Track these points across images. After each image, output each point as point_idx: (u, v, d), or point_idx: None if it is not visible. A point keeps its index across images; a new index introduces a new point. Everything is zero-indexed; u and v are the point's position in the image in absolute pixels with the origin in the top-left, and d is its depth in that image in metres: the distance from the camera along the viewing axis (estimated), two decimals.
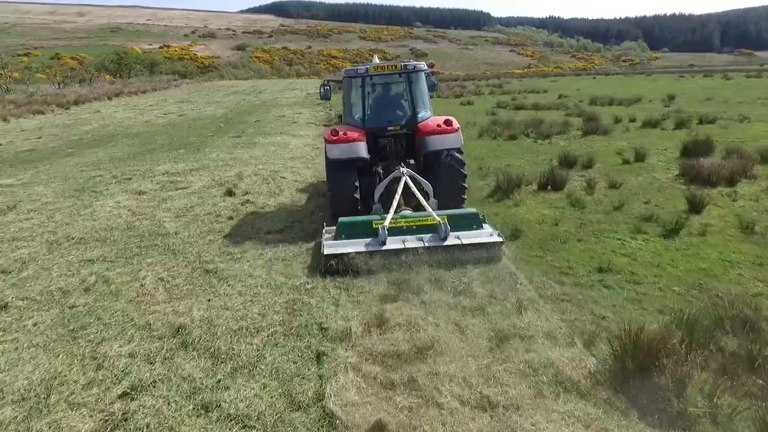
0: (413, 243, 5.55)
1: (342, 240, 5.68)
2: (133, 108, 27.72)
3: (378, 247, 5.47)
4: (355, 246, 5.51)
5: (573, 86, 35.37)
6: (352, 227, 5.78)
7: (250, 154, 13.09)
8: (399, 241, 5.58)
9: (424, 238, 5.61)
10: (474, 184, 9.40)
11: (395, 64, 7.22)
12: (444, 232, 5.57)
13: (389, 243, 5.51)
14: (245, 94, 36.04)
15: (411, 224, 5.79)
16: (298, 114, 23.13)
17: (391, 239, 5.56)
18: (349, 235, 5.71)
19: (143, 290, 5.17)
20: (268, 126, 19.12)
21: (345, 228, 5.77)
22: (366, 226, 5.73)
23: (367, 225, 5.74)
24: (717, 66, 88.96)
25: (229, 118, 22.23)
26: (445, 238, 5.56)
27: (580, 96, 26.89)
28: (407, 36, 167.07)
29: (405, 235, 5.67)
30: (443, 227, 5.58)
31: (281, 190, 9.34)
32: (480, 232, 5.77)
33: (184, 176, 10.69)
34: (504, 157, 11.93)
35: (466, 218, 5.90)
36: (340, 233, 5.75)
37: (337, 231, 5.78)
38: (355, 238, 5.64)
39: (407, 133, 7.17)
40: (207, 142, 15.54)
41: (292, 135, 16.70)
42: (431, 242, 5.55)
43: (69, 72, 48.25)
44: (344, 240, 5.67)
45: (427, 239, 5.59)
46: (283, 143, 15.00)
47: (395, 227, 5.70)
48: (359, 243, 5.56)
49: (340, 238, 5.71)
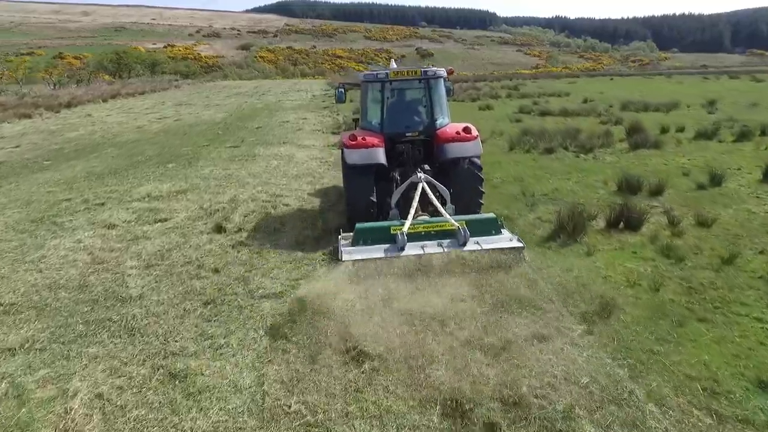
0: (433, 249, 5.48)
1: (360, 246, 5.54)
2: (127, 111, 26.01)
3: (397, 252, 5.39)
4: (374, 252, 5.41)
5: (593, 88, 33.41)
6: (370, 233, 5.63)
7: (248, 171, 11.30)
8: (418, 246, 5.49)
9: (443, 243, 5.55)
10: (523, 218, 7.56)
11: (415, 70, 7.07)
12: (463, 237, 5.47)
13: (408, 249, 5.43)
14: (247, 96, 34.29)
15: (429, 230, 5.70)
16: (303, 119, 21.33)
17: (410, 245, 5.47)
18: (367, 240, 5.57)
19: (66, 422, 3.35)
20: (270, 134, 17.32)
21: (362, 234, 5.62)
22: (384, 231, 5.64)
23: (384, 231, 5.64)
24: (731, 66, 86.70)
25: (229, 124, 20.45)
26: (465, 243, 5.48)
27: (606, 99, 24.96)
28: (412, 36, 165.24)
29: (424, 241, 5.58)
30: (462, 232, 5.49)
31: (283, 225, 7.53)
32: (499, 238, 5.71)
33: (167, 201, 8.89)
34: (547, 178, 10.08)
35: (484, 223, 5.83)
36: (357, 239, 5.60)
37: (355, 237, 5.63)
38: (373, 244, 5.53)
39: (425, 139, 7.09)
40: (201, 154, 13.76)
41: (296, 145, 14.89)
42: (450, 247, 5.49)
43: (67, 72, 46.61)
44: (362, 246, 5.53)
45: (446, 245, 5.52)
46: (287, 155, 13.20)
47: (414, 233, 5.61)
48: (378, 249, 5.46)
49: (357, 244, 5.58)
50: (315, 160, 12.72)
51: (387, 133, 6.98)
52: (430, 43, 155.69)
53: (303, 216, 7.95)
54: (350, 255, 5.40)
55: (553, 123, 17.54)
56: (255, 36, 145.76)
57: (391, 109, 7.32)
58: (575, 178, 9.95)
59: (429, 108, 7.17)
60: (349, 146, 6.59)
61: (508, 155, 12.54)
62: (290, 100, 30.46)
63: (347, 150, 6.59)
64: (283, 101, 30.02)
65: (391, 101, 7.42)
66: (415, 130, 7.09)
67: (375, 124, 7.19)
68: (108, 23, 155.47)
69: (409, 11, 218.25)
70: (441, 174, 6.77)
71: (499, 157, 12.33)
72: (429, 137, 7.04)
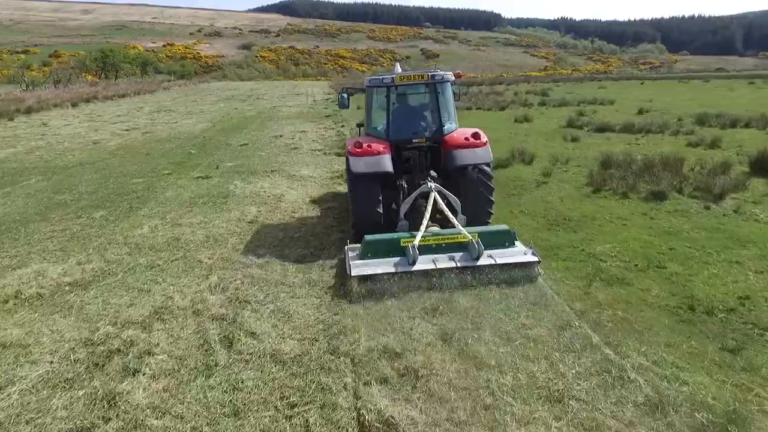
0: (445, 263, 5.30)
1: (368, 259, 5.34)
2: (94, 119, 22.03)
3: (408, 267, 5.22)
4: (384, 266, 5.23)
5: (634, 95, 29.32)
6: (379, 246, 5.45)
7: (207, 231, 7.28)
8: (430, 260, 5.32)
9: (455, 257, 5.38)
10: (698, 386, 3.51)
11: (422, 74, 6.80)
12: (477, 250, 5.31)
13: (420, 263, 5.25)
14: (240, 101, 30.31)
15: (441, 242, 5.51)
16: (301, 133, 17.33)
17: (422, 258, 5.29)
18: (376, 253, 5.39)
19: None
20: (257, 155, 13.33)
21: (371, 246, 5.44)
22: (393, 244, 5.47)
23: (394, 243, 5.47)
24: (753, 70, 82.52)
25: (208, 139, 16.46)
26: (478, 257, 5.31)
27: (665, 109, 20.91)
28: (417, 36, 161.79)
29: (435, 254, 5.41)
30: (476, 246, 5.32)
31: (244, 413, 3.48)
32: (513, 251, 5.53)
33: (32, 320, 4.84)
34: (701, 261, 5.98)
35: (497, 235, 5.64)
36: (365, 252, 5.43)
37: (363, 249, 5.45)
38: (383, 257, 5.35)
39: (432, 145, 6.84)
40: (154, 191, 9.79)
41: (288, 176, 10.90)
42: (463, 262, 5.31)
43: (55, 71, 42.68)
44: (371, 259, 5.34)
45: (459, 258, 5.36)
46: (273, 197, 9.21)
47: (424, 245, 5.43)
48: (387, 263, 5.29)
49: (366, 257, 5.39)
50: (314, 205, 8.73)
51: (393, 139, 6.76)
52: (434, 43, 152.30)
53: (289, 381, 3.87)
54: (359, 270, 5.18)
55: (625, 144, 13.53)
56: (257, 35, 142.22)
57: (397, 114, 7.10)
58: (754, 264, 5.84)
59: (436, 113, 6.90)
60: (354, 154, 6.32)
61: (596, 201, 8.52)
62: (287, 107, 26.45)
63: (352, 158, 6.33)
64: (279, 108, 26.01)
65: (397, 107, 7.21)
66: (422, 136, 6.87)
67: (380, 131, 7.00)
68: (109, 21, 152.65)
69: (413, 11, 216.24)
70: (449, 182, 6.54)
71: (585, 205, 8.33)
72: (436, 143, 6.83)
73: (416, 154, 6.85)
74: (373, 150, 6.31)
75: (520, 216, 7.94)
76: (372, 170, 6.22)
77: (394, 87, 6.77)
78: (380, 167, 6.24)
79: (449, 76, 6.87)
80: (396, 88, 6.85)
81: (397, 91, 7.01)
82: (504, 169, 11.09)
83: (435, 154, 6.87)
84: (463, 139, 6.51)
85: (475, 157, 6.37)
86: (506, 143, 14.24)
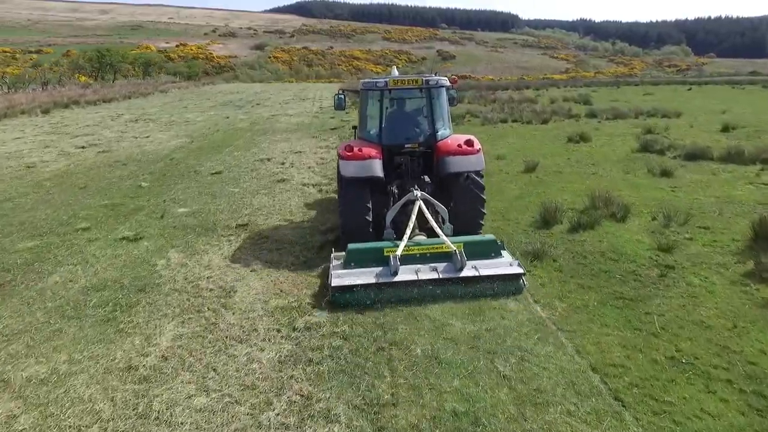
0: (427, 274, 5.25)
1: (351, 269, 5.30)
2: (56, 131, 18.56)
3: (389, 278, 5.17)
4: (365, 276, 5.19)
5: (697, 105, 24.97)
6: (362, 254, 5.41)
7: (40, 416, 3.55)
8: (412, 271, 5.26)
9: (438, 268, 5.32)
10: None
11: (416, 79, 6.66)
12: (460, 262, 5.26)
13: (401, 273, 5.21)
14: (236, 107, 26.69)
15: (425, 252, 5.47)
16: (296, 154, 13.60)
17: (404, 269, 5.25)
18: (359, 262, 5.35)
19: None
20: (226, 194, 9.61)
21: (354, 255, 5.39)
22: (377, 253, 5.40)
23: (378, 252, 5.40)
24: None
25: (175, 163, 12.81)
26: (461, 268, 5.25)
27: (743, 122, 16.72)
28: (432, 37, 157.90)
29: (418, 264, 5.35)
30: (459, 257, 5.27)
31: None
32: (498, 261, 5.46)
33: None
34: None
35: (483, 245, 5.58)
36: (349, 261, 5.38)
37: (346, 258, 5.40)
38: (366, 267, 5.32)
39: (425, 151, 6.78)
40: (36, 268, 6.13)
41: (259, 238, 7.13)
42: (446, 273, 5.25)
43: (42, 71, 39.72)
44: (353, 269, 5.30)
45: (442, 269, 5.30)
46: (220, 295, 5.45)
47: (408, 255, 5.38)
48: (369, 273, 5.24)
49: (349, 266, 5.34)
50: (287, 316, 4.93)
51: (385, 144, 6.63)
52: (450, 44, 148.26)
53: None
54: (341, 280, 5.14)
55: (746, 183, 9.52)
56: (271, 36, 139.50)
57: (390, 119, 7.06)
58: None
59: (430, 118, 6.80)
60: (345, 158, 6.21)
61: None
62: (288, 116, 22.72)
63: (343, 162, 6.23)
64: (278, 117, 22.29)
65: (390, 111, 7.18)
66: (414, 141, 6.76)
67: (373, 135, 6.83)
68: (125, 22, 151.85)
69: (429, 12, 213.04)
70: (441, 188, 6.55)
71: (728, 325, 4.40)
72: (429, 149, 6.72)
73: (408, 159, 6.79)
74: (363, 154, 6.21)
75: (693, 379, 4.01)
76: (362, 174, 6.13)
77: (388, 91, 6.67)
78: (370, 172, 6.15)
79: (444, 81, 6.75)
80: (389, 93, 6.76)
81: (391, 96, 6.92)
82: (589, 231, 7.18)
83: (428, 159, 6.80)
84: (456, 146, 6.39)
85: (467, 165, 6.26)
86: (572, 178, 10.29)
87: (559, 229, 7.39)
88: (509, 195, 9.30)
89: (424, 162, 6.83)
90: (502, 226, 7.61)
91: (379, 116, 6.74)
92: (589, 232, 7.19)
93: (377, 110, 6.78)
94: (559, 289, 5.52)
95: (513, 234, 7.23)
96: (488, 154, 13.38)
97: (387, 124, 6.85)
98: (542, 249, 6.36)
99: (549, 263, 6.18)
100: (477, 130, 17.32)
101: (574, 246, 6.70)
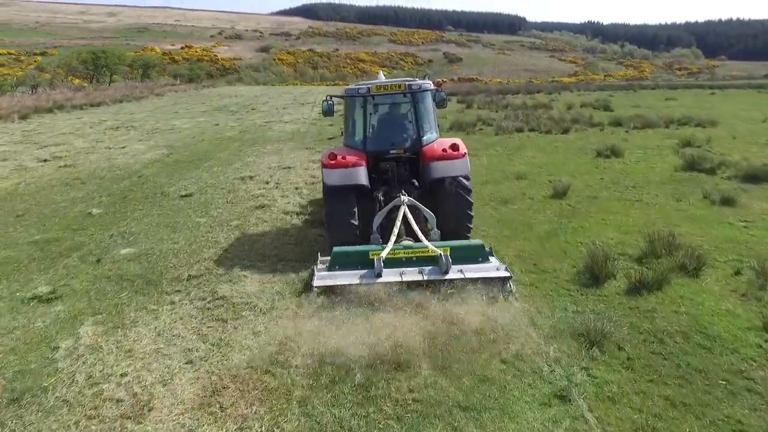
0: (412, 276, 5.17)
1: (335, 271, 5.27)
2: (25, 139, 16.88)
3: (373, 279, 5.07)
4: (349, 278, 5.12)
5: (728, 111, 22.84)
6: (347, 257, 5.39)
7: None
8: (396, 273, 5.19)
9: (423, 270, 5.24)
10: None
11: (399, 84, 6.60)
12: (445, 265, 5.14)
13: (386, 275, 5.12)
14: (230, 113, 24.94)
15: (411, 255, 5.40)
16: (285, 170, 11.80)
17: (388, 271, 5.18)
18: (344, 265, 5.31)
19: None
20: (190, 226, 7.81)
21: (339, 258, 5.37)
22: (362, 256, 5.36)
23: (363, 255, 5.37)
24: None
25: (143, 180, 11.06)
26: (447, 271, 5.15)
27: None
28: (439, 39, 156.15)
29: (404, 267, 5.29)
30: (444, 260, 5.16)
31: None
32: (485, 266, 5.34)
33: None
34: None
35: (470, 250, 5.49)
36: (333, 263, 5.35)
37: (331, 261, 5.38)
38: (350, 269, 5.26)
39: (411, 156, 6.66)
40: None
41: (212, 299, 5.32)
42: (431, 275, 5.16)
43: (31, 74, 38.26)
44: (337, 271, 5.27)
45: (427, 272, 5.21)
46: (132, 414, 3.61)
47: (394, 258, 5.33)
48: (353, 275, 5.17)
49: (333, 268, 5.31)
50: None
51: (370, 150, 6.53)
52: (457, 47, 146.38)
53: None
54: (323, 281, 5.16)
55: None
56: (277, 38, 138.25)
57: (375, 125, 6.99)
58: None
59: (415, 123, 6.63)
60: (328, 166, 6.11)
61: None
62: (283, 122, 20.93)
63: (326, 170, 6.14)
64: (272, 124, 20.50)
65: (375, 117, 7.09)
66: (400, 147, 6.62)
67: (358, 141, 6.75)
68: (132, 24, 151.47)
69: (435, 15, 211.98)
70: (429, 194, 6.40)
71: None
72: (415, 154, 6.60)
73: (394, 165, 6.67)
74: (347, 162, 6.10)
75: None
76: (345, 182, 6.03)
77: (371, 97, 6.56)
78: (354, 179, 6.05)
79: (428, 85, 6.68)
80: (373, 98, 6.64)
81: (374, 101, 6.81)
82: (656, 293, 5.30)
83: (415, 165, 6.69)
84: (441, 151, 6.30)
85: (452, 170, 6.19)
86: (613, 206, 8.40)
87: (613, 287, 5.53)
88: (538, 231, 7.43)
89: (411, 167, 6.73)
90: (536, 281, 5.75)
91: (363, 123, 6.68)
92: (657, 294, 5.31)
93: (361, 117, 6.71)
94: (640, 405, 3.67)
95: (553, 296, 5.37)
96: (506, 172, 11.51)
97: (371, 130, 6.82)
98: (599, 327, 4.50)
99: (613, 353, 4.32)
100: (491, 141, 15.44)
101: (642, 320, 4.83)
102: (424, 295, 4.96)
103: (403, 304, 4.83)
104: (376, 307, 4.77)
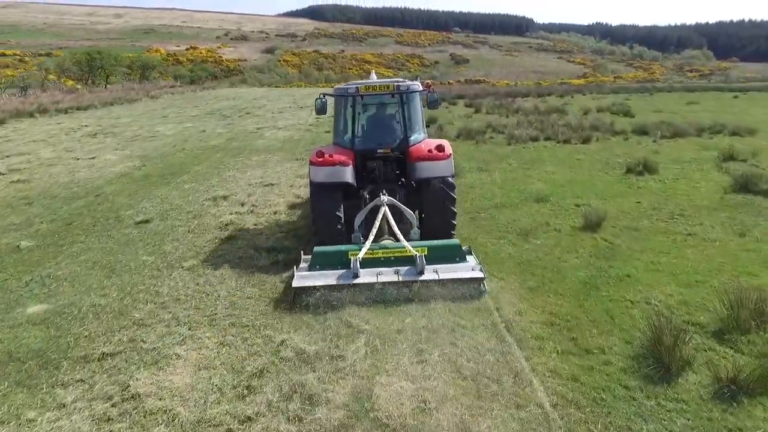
0: (388, 276, 5.21)
1: (315, 271, 5.36)
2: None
3: (350, 280, 5.14)
4: (326, 278, 5.19)
5: (759, 116, 21.07)
6: (327, 257, 5.45)
7: None
8: (373, 274, 5.24)
9: (400, 271, 5.29)
10: None
11: (387, 84, 6.72)
12: (421, 265, 5.23)
13: (362, 276, 5.18)
14: (222, 117, 23.39)
15: (389, 255, 5.47)
16: (267, 187, 10.20)
17: (365, 272, 5.24)
18: (324, 265, 5.40)
19: None
20: (134, 263, 6.22)
21: (319, 258, 5.45)
22: (341, 256, 5.41)
23: (342, 255, 5.41)
24: None
25: (103, 199, 9.51)
26: (422, 272, 5.23)
27: None
28: (446, 41, 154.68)
29: (381, 267, 5.35)
30: (419, 260, 5.24)
31: None
32: (461, 266, 5.42)
33: None
34: None
35: (447, 249, 5.56)
36: (314, 263, 5.43)
37: (312, 261, 5.47)
38: (329, 269, 5.34)
39: (398, 156, 6.75)
40: None
41: (115, 420, 3.69)
42: (407, 276, 5.21)
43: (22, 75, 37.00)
44: (317, 271, 5.35)
45: (403, 273, 5.26)
46: None
47: (372, 258, 5.39)
48: (331, 275, 5.24)
49: (314, 268, 5.40)
50: None
51: (357, 149, 6.63)
52: (464, 48, 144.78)
53: None
54: (301, 281, 5.18)
55: None
56: (283, 39, 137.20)
57: (363, 124, 7.15)
58: None
59: (402, 124, 6.73)
60: (315, 163, 6.21)
61: None
62: (276, 128, 19.32)
63: (313, 167, 6.24)
64: (264, 130, 18.91)
65: (363, 117, 7.24)
66: (387, 147, 6.71)
67: (346, 140, 6.82)
68: (139, 25, 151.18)
69: (442, 16, 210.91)
70: (415, 193, 6.55)
71: None
72: (402, 154, 6.68)
73: (381, 164, 6.74)
74: (334, 160, 6.19)
75: None
76: (331, 180, 6.13)
77: (359, 97, 6.67)
78: (340, 177, 6.15)
79: (416, 86, 6.77)
80: (361, 98, 6.76)
81: (363, 101, 6.93)
82: (760, 399, 3.62)
83: (402, 164, 6.80)
84: (426, 152, 6.36)
85: (436, 170, 6.25)
86: (661, 243, 6.62)
87: (693, 386, 3.85)
88: (572, 281, 5.74)
89: (398, 167, 6.85)
90: (579, 371, 4.07)
91: (352, 122, 6.84)
92: (760, 402, 3.63)
93: (349, 116, 6.85)
94: None
95: (607, 401, 3.70)
96: (524, 192, 9.77)
97: (359, 129, 7.00)
98: None
99: None
100: (503, 152, 13.75)
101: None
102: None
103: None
104: None
